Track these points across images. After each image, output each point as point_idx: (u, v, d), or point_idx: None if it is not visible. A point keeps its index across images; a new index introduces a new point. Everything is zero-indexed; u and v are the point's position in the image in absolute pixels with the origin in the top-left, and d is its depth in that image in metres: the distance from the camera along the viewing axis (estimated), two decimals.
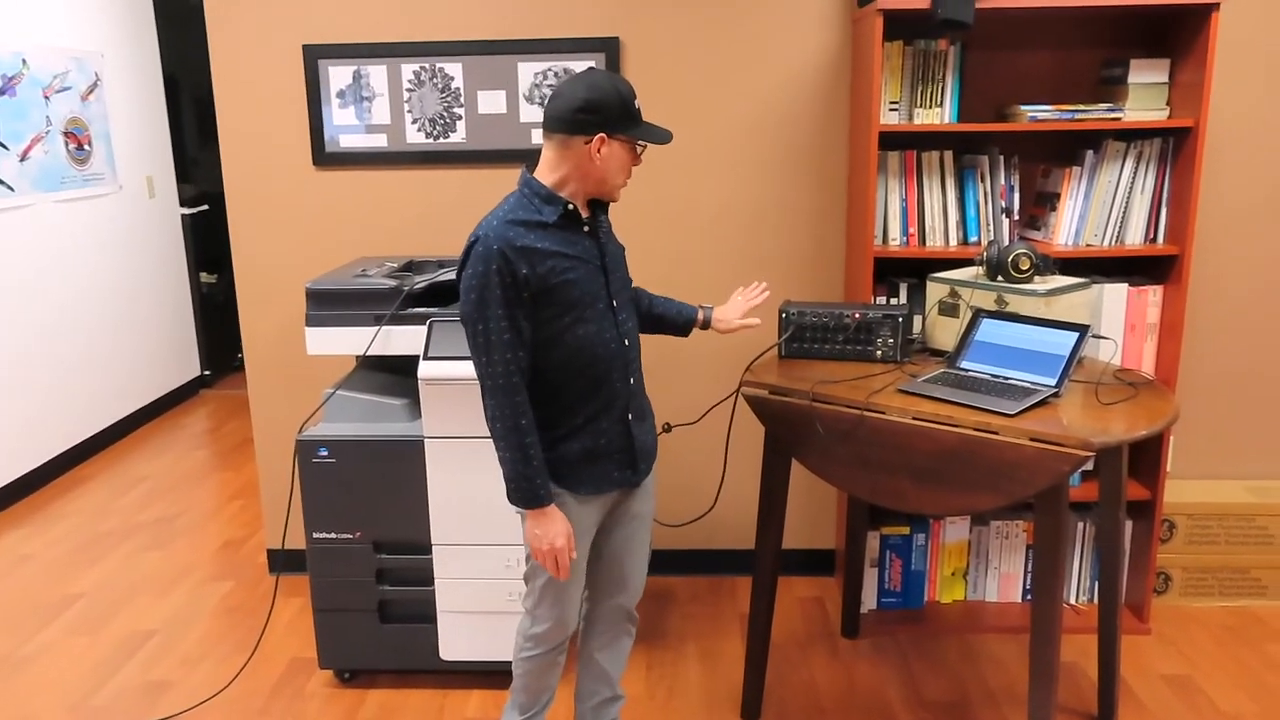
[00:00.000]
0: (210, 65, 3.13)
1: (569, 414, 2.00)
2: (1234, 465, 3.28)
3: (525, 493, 1.94)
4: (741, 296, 2.42)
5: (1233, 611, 3.13)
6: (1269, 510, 3.08)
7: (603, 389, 2.01)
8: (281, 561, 3.28)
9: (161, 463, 4.71)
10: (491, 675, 2.79)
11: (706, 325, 2.36)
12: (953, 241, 2.92)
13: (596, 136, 1.90)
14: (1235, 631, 3.02)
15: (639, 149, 1.98)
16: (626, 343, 2.05)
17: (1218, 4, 2.61)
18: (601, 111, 1.89)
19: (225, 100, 3.15)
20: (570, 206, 1.95)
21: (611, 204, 2.16)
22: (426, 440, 2.56)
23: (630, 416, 2.07)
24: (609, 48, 3.05)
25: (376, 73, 3.11)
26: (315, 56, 3.09)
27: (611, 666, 2.29)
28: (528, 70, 3.08)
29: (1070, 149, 3.00)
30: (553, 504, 1.97)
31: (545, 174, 1.96)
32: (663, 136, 1.96)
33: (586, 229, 1.99)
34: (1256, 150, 3.06)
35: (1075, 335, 2.31)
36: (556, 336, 1.95)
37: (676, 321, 2.32)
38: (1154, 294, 2.88)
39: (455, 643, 2.71)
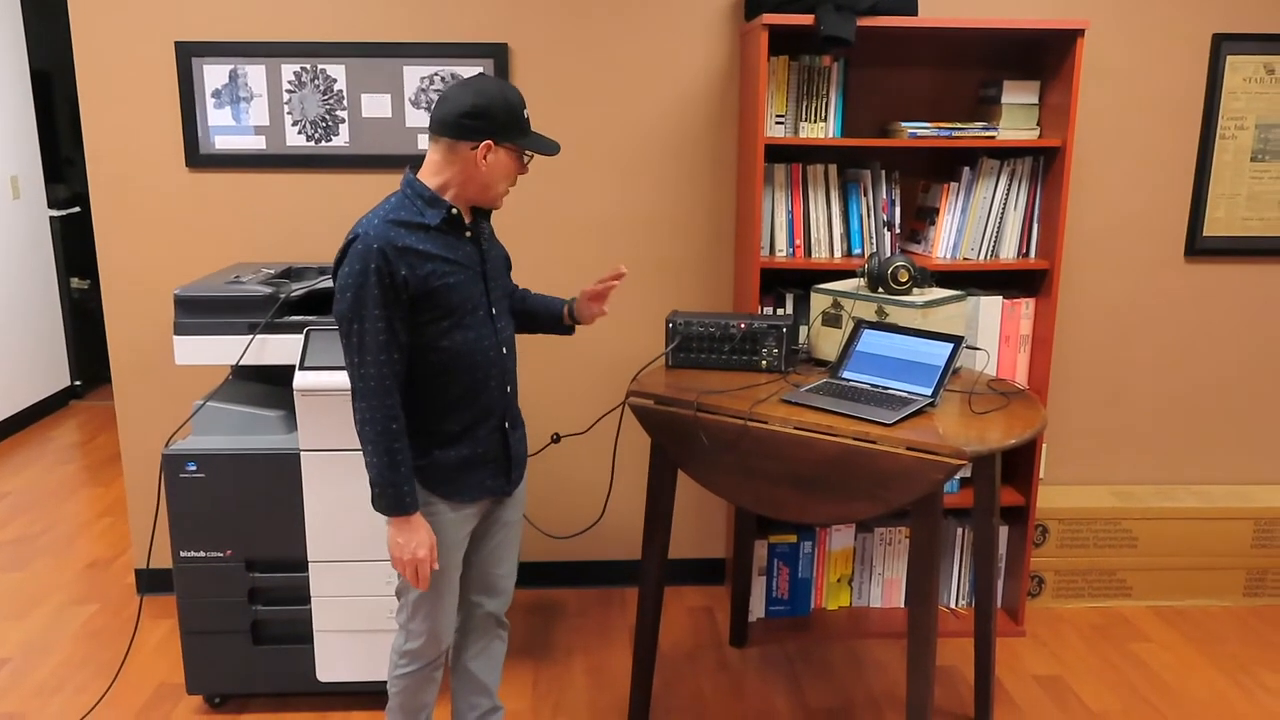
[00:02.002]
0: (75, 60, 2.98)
1: (446, 421, 1.97)
2: (1101, 471, 3.43)
3: (390, 499, 1.89)
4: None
5: (1101, 612, 3.26)
6: (1133, 514, 3.22)
7: (481, 396, 1.99)
8: (148, 582, 3.12)
9: (25, 478, 4.44)
10: (372, 696, 2.70)
11: (573, 316, 2.24)
12: (837, 253, 2.97)
13: (483, 143, 1.88)
14: (1103, 631, 3.14)
15: (525, 159, 1.96)
16: (505, 351, 2.03)
17: (1082, 30, 2.73)
18: (489, 118, 1.87)
19: (91, 97, 2.99)
20: (454, 210, 1.91)
21: (494, 212, 2.12)
22: (303, 453, 2.47)
23: (506, 425, 2.05)
24: (498, 54, 3.01)
25: (255, 72, 2.99)
26: (189, 54, 2.96)
27: (487, 675, 2.25)
28: (414, 74, 3.01)
29: (949, 165, 3.10)
30: (418, 513, 1.92)
31: (429, 177, 1.93)
32: (550, 147, 1.95)
33: (469, 234, 1.96)
34: (1120, 168, 3.21)
35: (950, 346, 2.37)
36: (434, 342, 1.92)
37: (545, 316, 2.25)
38: (1026, 306, 2.98)
39: (333, 663, 2.61)
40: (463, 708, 2.27)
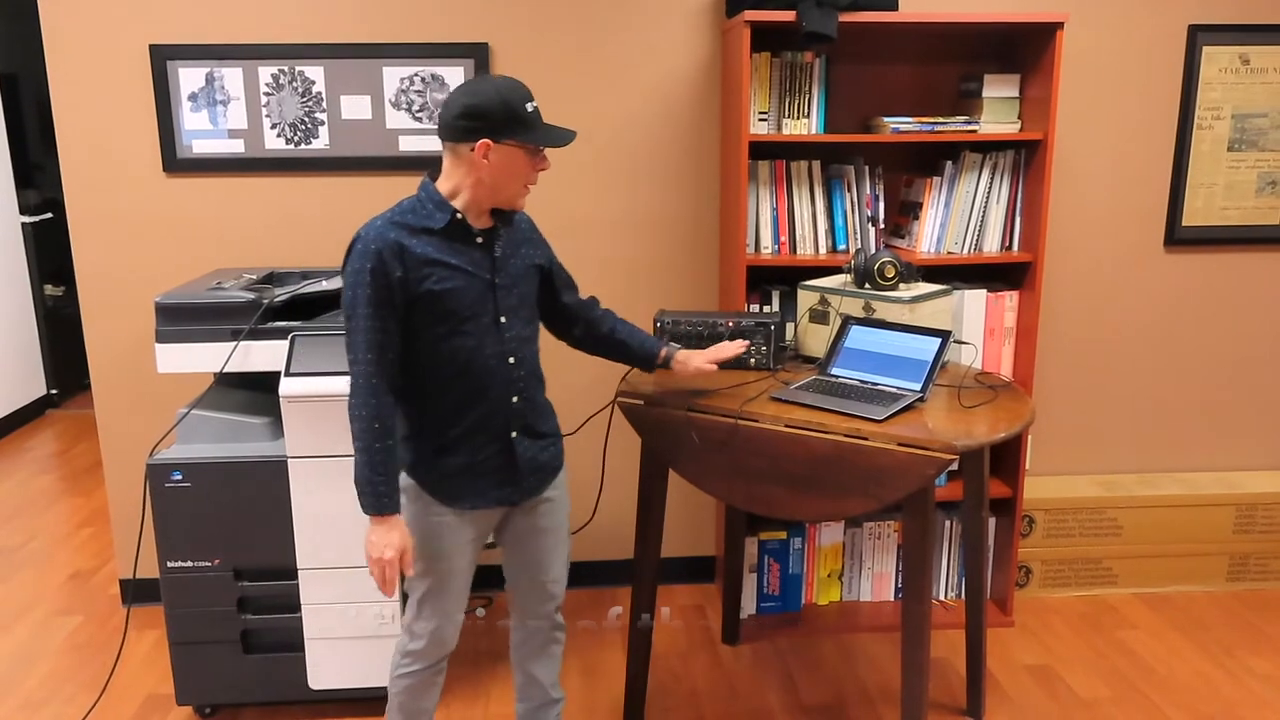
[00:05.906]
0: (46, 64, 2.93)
1: (445, 426, 1.97)
2: (1085, 461, 3.45)
3: (369, 499, 1.90)
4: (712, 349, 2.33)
5: (1088, 600, 3.29)
6: (1117, 503, 3.25)
7: (480, 405, 1.98)
8: (134, 592, 3.08)
9: (2, 489, 4.38)
10: (365, 703, 2.68)
11: (667, 363, 2.28)
12: (822, 250, 2.98)
13: (480, 143, 1.86)
14: (1090, 619, 3.17)
15: (539, 153, 1.93)
16: (512, 361, 1.99)
17: (1061, 24, 2.75)
18: (484, 117, 1.86)
19: (64, 102, 2.94)
20: (459, 215, 1.91)
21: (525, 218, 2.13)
22: (290, 460, 2.45)
23: (514, 434, 2.03)
24: (478, 53, 2.99)
25: (231, 75, 2.96)
26: (164, 57, 2.92)
27: (545, 675, 2.27)
28: (393, 75, 2.99)
29: (931, 160, 3.11)
30: (396, 515, 1.92)
31: (441, 182, 1.94)
32: (558, 138, 1.92)
33: (480, 240, 1.94)
34: (1100, 160, 3.23)
35: (938, 340, 2.38)
36: (432, 346, 1.92)
37: (637, 352, 2.27)
38: (1010, 299, 3.00)
39: (325, 671, 2.59)
40: (522, 696, 2.30)
